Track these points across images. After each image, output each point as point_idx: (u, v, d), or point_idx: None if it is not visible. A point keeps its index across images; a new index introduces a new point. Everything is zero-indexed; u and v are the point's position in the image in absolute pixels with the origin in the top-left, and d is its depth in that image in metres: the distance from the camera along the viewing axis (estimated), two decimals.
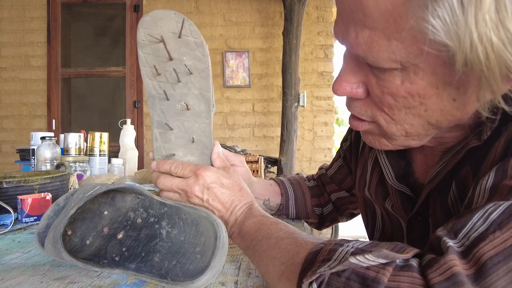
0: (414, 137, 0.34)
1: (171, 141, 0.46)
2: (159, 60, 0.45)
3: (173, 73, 0.44)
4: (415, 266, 0.25)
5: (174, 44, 0.45)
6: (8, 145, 2.68)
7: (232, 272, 0.39)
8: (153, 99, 0.45)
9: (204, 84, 0.45)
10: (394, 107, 0.32)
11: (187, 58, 0.45)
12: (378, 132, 0.36)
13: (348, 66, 0.33)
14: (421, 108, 0.31)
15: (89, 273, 0.39)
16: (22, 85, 2.68)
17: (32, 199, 0.60)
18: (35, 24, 2.66)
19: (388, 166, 0.44)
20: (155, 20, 0.45)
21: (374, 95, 0.32)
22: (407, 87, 0.29)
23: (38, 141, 1.07)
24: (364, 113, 0.34)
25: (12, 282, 0.36)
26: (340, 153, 0.62)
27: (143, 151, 2.63)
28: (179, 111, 0.45)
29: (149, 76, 0.45)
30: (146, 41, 0.45)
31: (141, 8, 2.64)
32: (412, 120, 0.32)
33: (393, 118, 0.33)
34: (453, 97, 0.30)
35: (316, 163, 2.61)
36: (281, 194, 0.63)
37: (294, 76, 2.31)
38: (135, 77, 2.66)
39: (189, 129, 0.46)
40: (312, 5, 2.56)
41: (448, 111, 0.31)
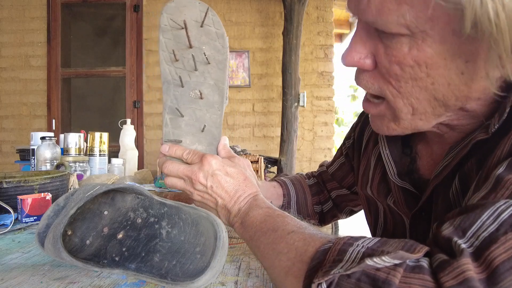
0: (421, 115, 0.33)
1: (181, 128, 0.46)
2: (179, 47, 0.45)
3: (191, 60, 0.45)
4: (426, 267, 0.24)
5: (196, 32, 0.45)
6: (8, 145, 2.68)
7: (232, 272, 0.39)
8: (168, 84, 0.45)
9: (220, 75, 0.46)
10: (401, 78, 0.31)
11: (206, 47, 0.45)
12: (387, 113, 0.35)
13: (358, 37, 0.33)
14: (427, 81, 0.30)
15: (89, 273, 0.39)
16: (22, 85, 2.68)
17: (32, 199, 0.60)
18: (35, 24, 2.66)
19: (391, 162, 0.44)
20: (179, 7, 0.45)
21: (382, 65, 0.32)
22: (414, 55, 0.29)
23: (38, 141, 1.07)
24: (371, 86, 0.34)
25: (12, 282, 0.36)
26: (342, 151, 0.62)
27: (143, 151, 2.63)
28: (192, 99, 0.45)
29: (166, 61, 0.45)
30: (169, 26, 0.45)
31: (141, 8, 2.64)
32: (418, 94, 0.31)
33: (399, 91, 0.32)
34: (461, 71, 0.29)
35: (316, 163, 2.61)
36: (284, 195, 0.62)
37: (294, 76, 2.31)
38: (135, 77, 2.66)
39: (200, 118, 0.46)
40: (312, 5, 2.56)
41: (455, 86, 0.30)
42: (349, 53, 0.33)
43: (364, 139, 0.53)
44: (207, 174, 0.42)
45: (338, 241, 0.28)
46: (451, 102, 0.32)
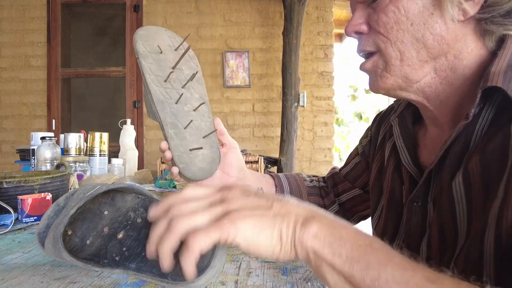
0: (408, 61, 0.40)
1: (186, 139, 0.50)
2: (162, 69, 0.50)
3: (176, 80, 0.50)
4: None
5: (173, 55, 0.51)
6: (8, 145, 2.68)
7: (232, 271, 0.39)
8: (162, 103, 0.49)
9: (202, 89, 0.53)
10: (387, 24, 0.40)
11: (184, 67, 0.52)
12: (380, 63, 0.42)
13: (355, 14, 0.43)
14: (407, 23, 0.39)
15: (89, 273, 0.39)
16: (22, 85, 2.68)
17: (32, 199, 0.60)
18: (35, 24, 2.66)
19: (404, 149, 0.48)
20: (150, 34, 0.50)
21: (373, 22, 0.41)
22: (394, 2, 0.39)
23: (38, 141, 1.07)
24: (367, 43, 0.42)
25: (12, 282, 0.36)
26: (358, 150, 0.63)
27: (143, 151, 2.63)
28: (187, 113, 0.51)
29: (155, 83, 0.49)
30: (147, 52, 0.49)
31: (141, 8, 2.64)
32: (402, 37, 0.39)
33: (388, 38, 0.40)
34: (430, 11, 0.38)
35: (316, 163, 2.61)
36: (275, 186, 0.63)
37: (294, 76, 2.31)
38: (135, 77, 2.66)
39: (198, 127, 0.52)
40: (312, 5, 2.56)
41: (429, 25, 0.38)
42: (350, 24, 0.43)
43: (380, 135, 0.57)
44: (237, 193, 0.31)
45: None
46: (429, 42, 0.39)
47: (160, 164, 1.08)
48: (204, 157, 0.50)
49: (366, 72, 0.45)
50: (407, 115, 0.50)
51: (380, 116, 0.60)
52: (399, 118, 0.51)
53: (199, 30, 2.62)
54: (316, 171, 2.60)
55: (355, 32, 0.43)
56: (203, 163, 0.50)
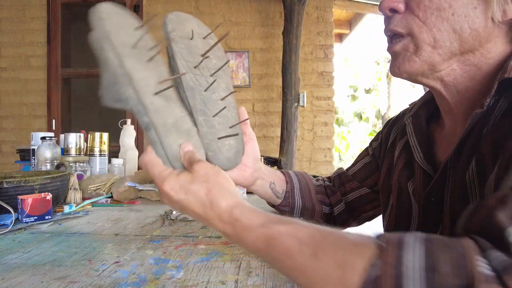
0: (439, 49, 0.40)
1: (215, 127, 0.49)
2: (193, 56, 0.48)
3: (206, 68, 0.49)
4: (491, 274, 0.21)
5: (202, 43, 0.50)
6: (8, 145, 2.68)
7: (232, 271, 0.39)
8: (192, 90, 0.47)
9: (228, 80, 0.53)
10: (428, 9, 0.39)
11: (213, 57, 0.51)
12: (410, 46, 0.41)
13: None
14: (449, 11, 0.38)
15: (89, 272, 0.39)
16: (22, 85, 2.68)
17: (33, 199, 0.60)
18: (35, 24, 2.66)
19: (417, 145, 0.48)
20: (181, 20, 0.50)
21: (413, 2, 0.40)
22: None
23: (38, 141, 1.07)
24: (400, 24, 0.41)
25: (12, 282, 0.36)
26: (369, 151, 0.64)
27: (143, 151, 2.63)
28: (215, 101, 0.49)
29: (185, 69, 0.47)
30: (177, 36, 0.48)
31: (141, 8, 2.64)
32: (440, 24, 0.39)
33: (425, 23, 0.39)
34: (474, 5, 0.38)
35: (316, 163, 2.61)
36: (286, 181, 0.63)
37: (294, 76, 2.31)
38: None
39: (226, 116, 0.50)
40: (312, 5, 2.56)
41: (470, 18, 0.38)
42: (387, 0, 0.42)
43: (391, 138, 0.58)
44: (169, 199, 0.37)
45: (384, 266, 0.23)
46: (465, 36, 0.39)
47: None
48: (230, 147, 0.49)
49: (394, 54, 0.44)
50: (421, 114, 0.51)
51: (392, 120, 0.62)
52: (413, 118, 0.52)
53: None
54: (316, 171, 2.60)
55: (390, 9, 0.42)
56: (229, 153, 0.49)
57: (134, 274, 0.38)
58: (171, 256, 0.45)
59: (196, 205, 0.35)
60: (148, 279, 0.37)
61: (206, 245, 0.50)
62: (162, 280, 0.37)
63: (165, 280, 0.37)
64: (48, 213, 0.62)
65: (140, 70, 0.41)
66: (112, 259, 0.43)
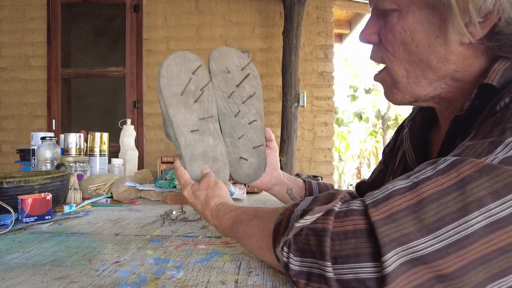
0: (413, 78, 0.41)
1: (239, 148, 0.59)
2: (229, 87, 0.58)
3: (239, 96, 0.59)
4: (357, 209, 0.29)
5: (238, 75, 0.59)
6: (8, 145, 2.68)
7: (232, 271, 0.39)
8: (224, 116, 0.58)
9: (259, 105, 0.60)
10: (394, 43, 0.41)
11: (247, 85, 0.59)
12: (388, 79, 0.44)
13: (370, 20, 0.44)
14: (413, 44, 0.40)
15: (89, 272, 0.39)
16: (22, 85, 2.68)
17: (33, 199, 0.60)
18: (35, 24, 2.67)
19: (410, 150, 0.50)
20: (222, 55, 0.59)
21: (382, 37, 0.42)
22: (401, 23, 0.39)
23: (38, 141, 1.07)
24: (376, 56, 0.44)
25: (12, 282, 0.36)
26: (382, 159, 0.66)
27: (143, 151, 2.63)
28: (243, 125, 0.59)
29: (221, 98, 0.58)
30: (217, 71, 0.58)
31: (141, 8, 2.64)
32: (408, 57, 0.40)
33: (395, 56, 0.41)
34: (436, 34, 0.38)
35: (316, 163, 2.61)
36: (305, 189, 0.68)
37: (294, 76, 2.31)
38: (135, 77, 2.67)
39: (251, 138, 0.60)
40: (312, 5, 2.56)
41: (434, 47, 0.39)
42: (363, 31, 0.44)
43: (398, 141, 0.59)
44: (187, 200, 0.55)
45: (285, 211, 0.35)
46: (434, 63, 0.39)
47: (160, 164, 1.08)
48: (251, 165, 0.60)
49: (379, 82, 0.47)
50: (418, 118, 0.52)
51: (400, 124, 0.63)
52: (412, 121, 0.53)
53: (199, 30, 2.62)
54: (316, 171, 2.60)
55: (367, 42, 0.44)
56: (249, 170, 0.60)
57: (134, 274, 0.39)
58: (171, 256, 0.45)
59: (198, 205, 0.52)
60: (148, 279, 0.37)
61: (206, 245, 0.50)
62: (162, 280, 0.37)
63: (165, 280, 0.37)
64: (48, 213, 0.62)
65: (180, 114, 0.54)
66: (112, 259, 0.43)
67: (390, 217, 0.27)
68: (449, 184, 0.28)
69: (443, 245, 0.26)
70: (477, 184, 0.27)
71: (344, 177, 5.76)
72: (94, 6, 2.82)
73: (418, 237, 0.26)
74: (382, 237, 0.27)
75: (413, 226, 0.27)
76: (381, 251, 0.26)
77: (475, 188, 0.27)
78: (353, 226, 0.28)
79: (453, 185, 0.28)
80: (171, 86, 0.54)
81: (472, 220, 0.26)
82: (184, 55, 0.56)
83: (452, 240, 0.26)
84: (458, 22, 0.35)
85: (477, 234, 0.26)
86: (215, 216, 0.48)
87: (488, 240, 0.26)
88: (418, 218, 0.27)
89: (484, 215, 0.26)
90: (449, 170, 0.29)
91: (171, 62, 0.54)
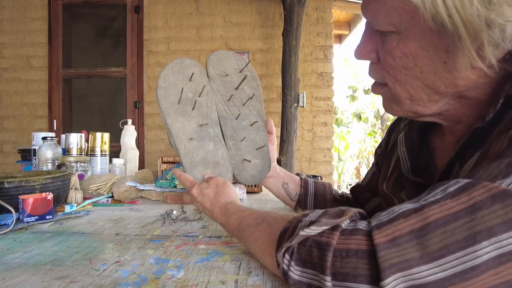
0: (418, 101, 0.38)
1: (242, 150, 0.59)
2: (228, 90, 0.58)
3: (238, 99, 0.59)
4: (363, 229, 0.29)
5: (237, 77, 0.59)
6: (9, 145, 2.69)
7: (232, 271, 0.40)
8: (225, 119, 0.58)
9: (259, 106, 0.60)
10: (395, 68, 0.37)
11: (246, 87, 0.59)
12: (389, 96, 0.41)
13: (366, 36, 0.40)
14: (416, 70, 0.36)
15: (90, 272, 0.39)
16: (23, 85, 2.69)
17: (34, 199, 0.61)
18: (36, 25, 2.67)
19: (406, 159, 0.48)
20: (220, 59, 0.59)
21: (381, 57, 0.38)
22: (401, 47, 0.35)
23: (40, 141, 1.07)
24: (376, 75, 0.40)
25: (13, 282, 0.37)
26: (374, 161, 0.65)
27: (143, 151, 2.63)
28: (245, 127, 0.59)
29: (220, 102, 0.58)
30: (216, 75, 0.58)
31: (142, 9, 2.65)
32: (412, 82, 0.37)
33: (397, 79, 0.38)
34: (443, 60, 0.34)
35: (316, 163, 2.61)
36: (301, 186, 0.67)
37: (293, 77, 2.32)
38: (135, 77, 2.67)
39: (254, 139, 0.60)
40: (311, 6, 2.56)
41: (440, 74, 0.35)
42: (359, 49, 0.40)
43: (390, 143, 0.57)
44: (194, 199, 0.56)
45: (294, 219, 0.35)
46: (441, 89, 0.36)
47: (161, 164, 1.08)
48: (255, 166, 0.60)
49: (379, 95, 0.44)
50: (415, 122, 0.49)
51: (392, 124, 0.60)
52: (409, 126, 0.50)
53: (200, 31, 2.63)
54: (315, 171, 2.60)
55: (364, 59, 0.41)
56: (254, 171, 0.60)
57: (135, 273, 0.39)
58: (172, 256, 0.45)
59: (207, 202, 0.52)
60: (148, 279, 0.37)
61: (206, 245, 0.50)
62: (162, 279, 0.37)
63: (166, 280, 0.37)
64: (49, 213, 0.62)
65: (178, 123, 0.55)
66: (113, 259, 0.44)
67: (393, 241, 0.26)
68: (458, 209, 0.26)
69: (447, 274, 0.25)
70: (489, 212, 0.25)
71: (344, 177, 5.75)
72: (95, 7, 2.82)
73: (420, 264, 0.25)
74: (382, 261, 0.26)
75: (415, 252, 0.26)
76: (381, 275, 0.25)
77: (486, 216, 0.25)
78: (356, 245, 0.28)
79: (462, 210, 0.26)
80: (168, 96, 0.54)
81: (480, 251, 0.25)
82: (181, 63, 0.56)
83: (457, 270, 0.25)
84: (469, 49, 0.31)
85: (485, 266, 0.24)
86: (223, 213, 0.49)
87: (496, 272, 0.24)
88: (422, 244, 0.26)
89: (494, 246, 0.25)
90: (459, 194, 0.27)
91: (168, 72, 0.55)
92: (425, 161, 0.47)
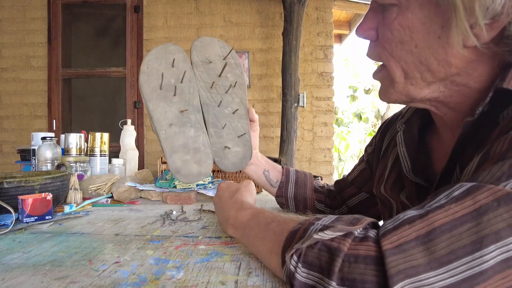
0: (411, 80, 0.39)
1: (223, 137, 0.59)
2: (211, 77, 0.58)
3: (222, 86, 0.59)
4: (372, 237, 0.29)
5: (220, 64, 0.58)
6: (9, 145, 2.69)
7: (232, 271, 0.40)
8: (207, 106, 0.58)
9: (243, 94, 0.60)
10: (391, 41, 0.38)
11: (230, 75, 0.59)
12: (386, 77, 0.41)
13: (368, 15, 0.41)
14: (411, 44, 0.37)
15: (89, 272, 0.39)
16: (23, 85, 2.68)
17: (33, 199, 0.60)
18: (36, 24, 2.67)
19: (406, 159, 0.47)
20: (204, 45, 0.58)
21: (379, 33, 0.39)
22: (399, 19, 0.37)
23: (39, 142, 1.07)
24: (373, 53, 0.41)
25: (13, 282, 0.36)
26: (364, 158, 0.65)
27: (143, 151, 2.63)
28: (227, 115, 0.59)
29: (203, 89, 0.58)
30: (199, 61, 0.57)
31: (142, 9, 2.65)
32: (406, 57, 0.38)
33: (392, 55, 0.39)
34: (438, 35, 0.35)
35: (316, 163, 2.61)
36: (282, 173, 0.68)
37: (293, 77, 2.32)
38: (135, 77, 2.67)
39: (235, 127, 0.59)
40: (311, 6, 2.56)
41: (434, 49, 0.36)
42: (360, 26, 0.41)
43: (384, 144, 0.57)
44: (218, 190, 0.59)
45: (305, 222, 0.34)
46: (434, 66, 0.37)
47: (161, 164, 1.08)
48: (236, 154, 0.59)
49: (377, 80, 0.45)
50: (414, 121, 0.49)
51: (386, 123, 0.60)
52: (406, 125, 0.49)
53: (199, 31, 2.62)
54: (316, 171, 2.60)
55: (364, 37, 0.42)
56: (235, 158, 0.59)
57: (134, 274, 0.39)
58: (171, 256, 0.45)
59: (228, 194, 0.55)
60: (148, 279, 0.37)
61: (206, 246, 0.50)
62: (162, 280, 0.37)
63: (165, 280, 0.37)
64: (48, 213, 0.62)
65: (160, 108, 0.54)
66: (112, 259, 0.44)
67: (399, 247, 0.26)
68: (463, 213, 0.26)
69: (455, 280, 0.24)
70: (495, 215, 0.25)
71: None
72: (94, 7, 2.82)
73: (428, 270, 0.25)
74: (390, 267, 0.25)
75: (422, 258, 0.25)
76: (389, 281, 0.25)
77: (492, 219, 0.25)
78: (365, 251, 0.28)
79: (468, 214, 0.26)
80: (150, 82, 0.54)
81: (487, 255, 0.25)
82: (165, 48, 0.55)
83: (465, 275, 0.24)
84: (463, 23, 0.32)
85: (492, 270, 0.24)
86: (235, 207, 0.50)
87: (503, 276, 0.24)
88: (428, 249, 0.26)
89: (500, 250, 0.24)
90: (464, 198, 0.27)
91: (151, 57, 0.55)
92: (423, 162, 0.46)
